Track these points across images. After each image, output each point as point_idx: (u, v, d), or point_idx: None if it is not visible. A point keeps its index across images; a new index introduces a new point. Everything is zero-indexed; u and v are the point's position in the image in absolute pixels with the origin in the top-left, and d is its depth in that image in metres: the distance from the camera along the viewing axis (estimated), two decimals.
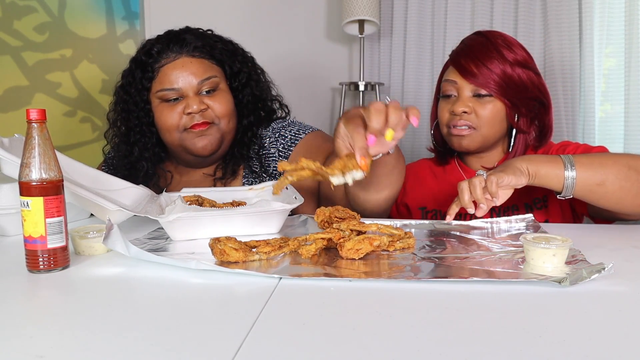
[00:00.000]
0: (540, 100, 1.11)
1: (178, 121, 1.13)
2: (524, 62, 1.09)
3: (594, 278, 0.60)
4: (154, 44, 1.15)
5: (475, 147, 1.12)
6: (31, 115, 0.65)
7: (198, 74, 1.12)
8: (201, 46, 1.15)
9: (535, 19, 2.08)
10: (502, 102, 1.08)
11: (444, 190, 1.18)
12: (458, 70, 1.10)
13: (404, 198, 1.21)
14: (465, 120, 1.09)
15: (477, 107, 1.09)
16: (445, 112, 1.13)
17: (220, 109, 1.14)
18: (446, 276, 0.62)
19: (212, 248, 0.70)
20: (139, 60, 1.15)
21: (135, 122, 1.17)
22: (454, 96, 1.12)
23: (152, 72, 1.14)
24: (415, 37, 2.32)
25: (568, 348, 0.44)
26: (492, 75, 1.07)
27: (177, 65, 1.12)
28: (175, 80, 1.12)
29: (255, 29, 2.46)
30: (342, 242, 0.71)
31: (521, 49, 1.11)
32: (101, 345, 0.45)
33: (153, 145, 1.19)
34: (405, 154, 0.99)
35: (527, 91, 1.09)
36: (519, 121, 1.11)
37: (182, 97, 1.13)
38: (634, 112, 1.82)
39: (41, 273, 0.66)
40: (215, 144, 1.15)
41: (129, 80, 1.17)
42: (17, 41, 2.27)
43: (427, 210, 1.17)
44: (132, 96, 1.16)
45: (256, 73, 1.24)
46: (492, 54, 1.08)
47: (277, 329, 0.48)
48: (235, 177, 1.19)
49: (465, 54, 1.11)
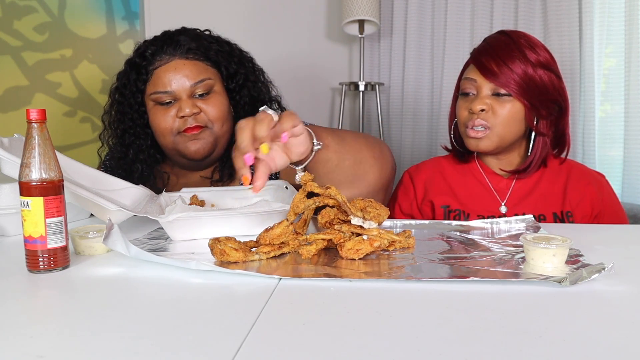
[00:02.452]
0: (559, 104, 1.10)
1: (171, 124, 1.12)
2: (546, 64, 1.08)
3: (594, 278, 0.60)
4: (149, 46, 1.14)
5: (491, 148, 1.10)
6: (31, 115, 0.65)
7: (191, 77, 1.11)
8: (195, 48, 1.13)
9: (535, 19, 2.08)
10: (521, 102, 1.07)
11: (467, 189, 1.17)
12: (479, 68, 1.09)
13: (428, 195, 1.19)
14: (482, 120, 1.08)
15: (495, 105, 1.07)
16: (464, 110, 1.11)
17: (214, 112, 1.13)
18: (446, 276, 0.62)
19: (212, 248, 0.70)
20: (133, 62, 1.14)
21: (130, 124, 1.16)
22: (472, 94, 1.11)
23: (146, 74, 1.13)
24: (415, 37, 2.32)
25: (568, 348, 0.44)
26: (513, 75, 1.05)
27: (170, 67, 1.11)
28: (169, 83, 1.10)
29: (256, 29, 2.46)
30: (342, 242, 0.71)
31: (544, 51, 1.10)
32: (101, 345, 0.45)
33: (148, 147, 1.18)
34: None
35: (547, 93, 1.08)
36: (538, 123, 1.09)
37: (176, 100, 1.12)
38: (634, 112, 1.81)
39: (41, 273, 0.66)
40: (208, 148, 1.13)
41: (123, 82, 1.16)
42: (17, 41, 2.27)
43: (450, 210, 1.16)
44: (127, 98, 1.15)
45: (254, 74, 1.22)
46: (514, 54, 1.06)
47: (277, 329, 0.48)
48: (232, 180, 1.18)
49: (487, 52, 1.09)
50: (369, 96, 2.48)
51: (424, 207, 1.19)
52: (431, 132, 2.34)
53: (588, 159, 1.92)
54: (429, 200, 1.18)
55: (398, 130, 2.42)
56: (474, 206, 1.14)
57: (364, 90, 2.35)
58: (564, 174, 1.14)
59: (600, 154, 1.94)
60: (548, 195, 1.12)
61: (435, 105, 2.31)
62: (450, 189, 1.18)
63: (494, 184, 1.15)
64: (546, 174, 1.14)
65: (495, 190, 1.15)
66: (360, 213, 0.73)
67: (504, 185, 1.15)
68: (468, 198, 1.15)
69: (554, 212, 1.10)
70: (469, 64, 1.14)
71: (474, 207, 1.13)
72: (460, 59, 2.21)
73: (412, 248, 0.76)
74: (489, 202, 1.14)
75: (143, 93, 1.15)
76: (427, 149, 2.35)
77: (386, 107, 2.46)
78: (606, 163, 1.94)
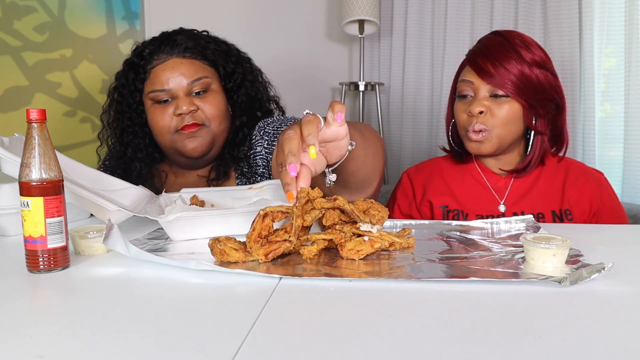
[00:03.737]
0: (556, 102, 1.11)
1: (169, 123, 1.13)
2: (542, 63, 1.08)
3: (594, 278, 0.60)
4: (146, 46, 1.15)
5: (491, 150, 1.11)
6: (31, 115, 0.65)
7: (188, 75, 1.12)
8: (192, 47, 1.14)
9: (535, 19, 2.08)
10: (519, 102, 1.07)
11: (465, 189, 1.17)
12: (475, 70, 1.09)
13: (427, 196, 1.19)
14: (481, 124, 1.08)
15: (493, 107, 1.07)
16: (462, 112, 1.11)
17: (211, 110, 1.14)
18: (446, 276, 0.62)
19: (212, 248, 0.70)
20: (131, 62, 1.16)
21: (128, 122, 1.17)
22: (470, 96, 1.11)
23: (144, 73, 1.14)
24: (415, 37, 2.32)
25: (568, 348, 0.44)
26: (510, 75, 1.05)
27: (168, 66, 1.12)
28: (166, 81, 1.12)
29: (256, 29, 2.46)
30: (343, 243, 0.71)
31: (539, 49, 1.10)
32: (101, 345, 0.45)
33: (146, 146, 1.19)
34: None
35: (544, 92, 1.08)
36: (536, 123, 1.10)
37: (173, 98, 1.13)
38: (634, 112, 1.81)
39: (41, 273, 0.66)
40: (205, 146, 1.14)
41: (122, 82, 1.17)
42: (17, 41, 2.27)
43: (449, 210, 1.16)
44: (125, 97, 1.16)
45: (252, 73, 1.23)
46: (510, 54, 1.06)
47: (277, 329, 0.48)
48: (228, 179, 1.19)
49: (482, 53, 1.09)
50: (369, 96, 2.48)
51: (422, 207, 1.19)
52: (431, 132, 2.34)
53: (588, 159, 1.92)
54: (427, 200, 1.18)
55: (398, 130, 2.42)
56: (472, 206, 1.14)
57: (364, 90, 2.35)
58: (562, 172, 1.14)
59: (600, 153, 1.94)
60: (546, 194, 1.12)
61: (435, 105, 2.31)
62: (449, 189, 1.18)
63: (492, 183, 1.16)
64: (544, 172, 1.14)
65: (494, 190, 1.15)
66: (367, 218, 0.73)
67: (502, 184, 1.15)
68: (466, 198, 1.15)
69: (553, 210, 1.10)
70: (465, 65, 1.14)
71: (473, 207, 1.14)
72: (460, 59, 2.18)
73: (412, 248, 0.76)
74: (488, 202, 1.14)
75: (141, 92, 1.16)
76: (427, 148, 2.35)
77: (386, 107, 2.46)
78: (606, 163, 1.94)
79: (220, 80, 1.18)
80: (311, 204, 0.72)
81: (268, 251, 0.69)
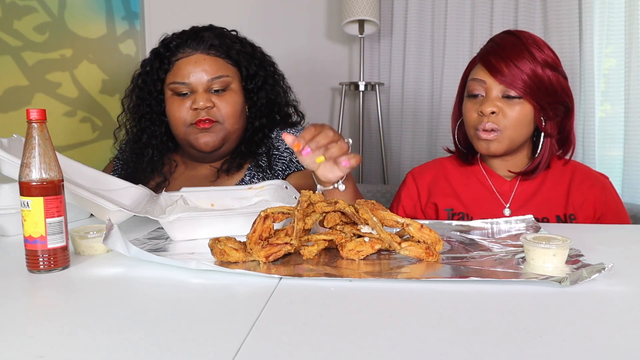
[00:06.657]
0: (566, 105, 1.09)
1: (185, 115, 1.16)
2: (553, 64, 1.07)
3: (594, 278, 0.60)
4: (174, 38, 1.19)
5: (502, 151, 1.09)
6: (31, 115, 0.65)
7: (210, 72, 1.15)
8: (218, 45, 1.18)
9: (535, 19, 2.08)
10: (530, 104, 1.06)
11: (470, 192, 1.16)
12: (488, 69, 1.07)
13: (432, 198, 1.18)
14: (492, 123, 1.06)
15: (505, 107, 1.06)
16: (473, 112, 1.09)
17: (227, 109, 1.16)
18: (446, 276, 0.62)
19: (212, 248, 0.70)
20: (157, 52, 1.20)
21: (147, 109, 1.21)
22: (481, 96, 1.08)
23: (168, 64, 1.18)
24: (415, 37, 2.32)
25: (568, 348, 0.44)
26: (522, 75, 1.04)
27: (191, 60, 1.16)
28: (187, 75, 1.15)
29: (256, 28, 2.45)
30: (343, 243, 0.71)
31: (550, 50, 1.09)
32: (101, 345, 0.45)
33: (162, 134, 1.23)
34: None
35: (555, 94, 1.07)
36: (546, 125, 1.08)
37: (192, 92, 1.16)
38: (634, 112, 1.81)
39: (41, 273, 0.66)
40: (217, 142, 1.17)
41: (146, 70, 1.21)
42: (17, 41, 2.27)
43: (454, 213, 1.15)
44: (148, 85, 1.20)
45: (273, 77, 1.26)
46: (523, 54, 1.05)
47: (277, 329, 0.48)
48: (239, 170, 1.22)
49: (495, 52, 1.07)
50: (369, 96, 2.47)
51: (427, 209, 1.18)
52: (431, 132, 2.34)
53: (588, 159, 1.92)
54: (432, 202, 1.17)
55: (398, 130, 2.42)
56: (477, 209, 1.13)
57: (364, 90, 2.35)
58: (568, 176, 1.13)
59: (600, 154, 1.94)
60: (551, 198, 1.11)
61: (435, 106, 2.31)
62: (454, 192, 1.16)
63: (497, 187, 1.15)
64: (549, 175, 1.13)
65: (499, 193, 1.14)
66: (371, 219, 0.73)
67: (507, 187, 1.14)
68: (472, 201, 1.14)
69: (557, 215, 1.09)
70: (475, 63, 1.12)
71: (478, 210, 1.12)
72: (460, 59, 2.21)
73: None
74: (493, 205, 1.13)
75: (163, 82, 1.20)
76: (427, 148, 2.34)
77: (386, 107, 2.46)
78: (606, 163, 1.94)
79: (241, 81, 1.21)
80: (312, 207, 0.73)
81: (269, 253, 0.69)
